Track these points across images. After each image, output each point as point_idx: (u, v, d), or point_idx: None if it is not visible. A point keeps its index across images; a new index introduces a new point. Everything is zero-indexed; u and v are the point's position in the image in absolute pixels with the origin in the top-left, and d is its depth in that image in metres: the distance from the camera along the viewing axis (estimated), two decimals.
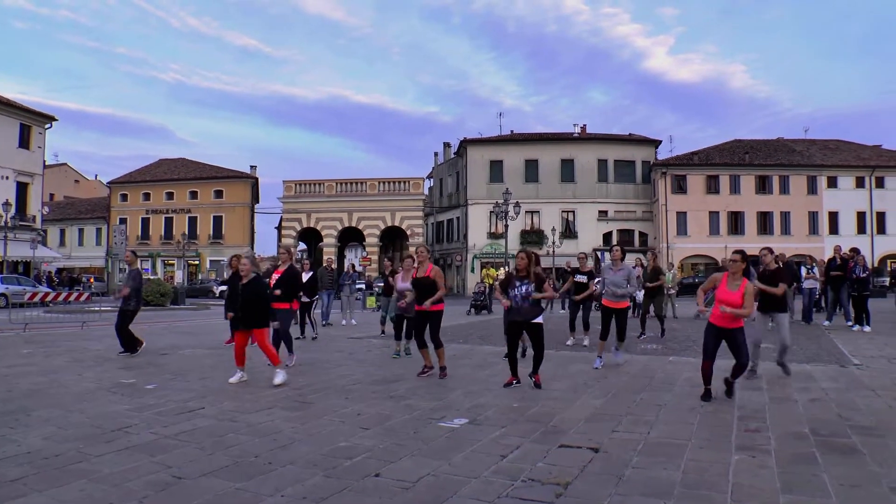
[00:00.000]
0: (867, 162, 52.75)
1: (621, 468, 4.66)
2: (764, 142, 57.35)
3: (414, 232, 50.08)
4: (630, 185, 53.66)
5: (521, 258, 7.82)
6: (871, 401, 7.17)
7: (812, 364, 9.82)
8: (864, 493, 4.21)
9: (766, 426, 5.97)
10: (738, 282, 7.06)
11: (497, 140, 55.60)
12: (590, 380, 8.41)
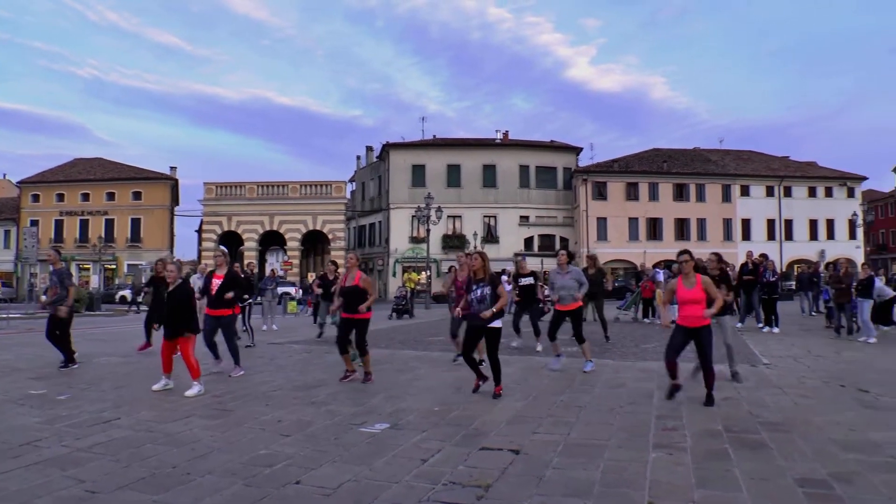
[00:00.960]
0: (777, 172, 55.74)
1: (542, 469, 4.73)
2: (682, 151, 59.63)
3: (336, 236, 49.61)
4: (551, 191, 54.72)
5: (476, 260, 7.72)
6: (779, 398, 7.56)
7: (725, 364, 10.18)
8: (772, 485, 4.42)
9: (683, 425, 6.17)
10: (692, 279, 7.21)
11: (420, 144, 55.76)
12: (511, 383, 8.48)
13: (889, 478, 4.56)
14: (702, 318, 7.08)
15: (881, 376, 9.18)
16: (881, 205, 69.73)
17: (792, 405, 7.17)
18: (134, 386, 8.39)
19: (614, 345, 12.96)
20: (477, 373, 7.80)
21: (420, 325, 20.23)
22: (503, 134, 58.81)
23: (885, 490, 4.30)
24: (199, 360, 8.08)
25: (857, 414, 6.71)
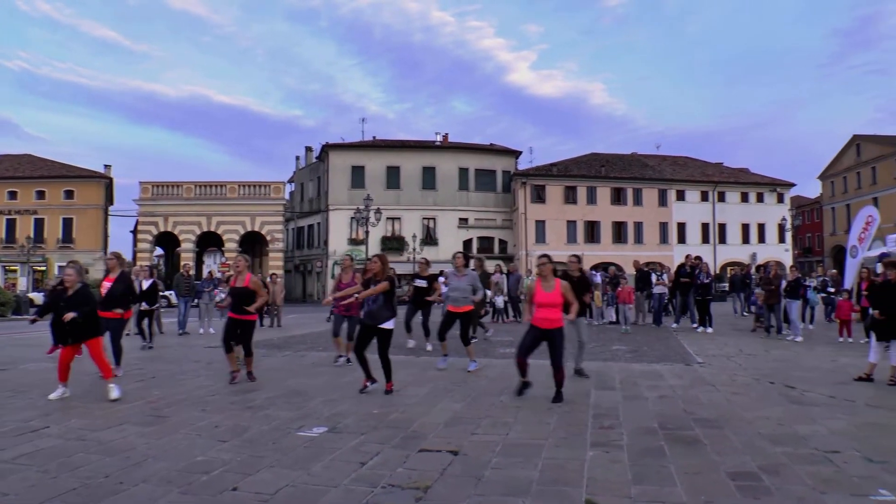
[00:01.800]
0: (711, 178, 57.61)
1: (480, 469, 4.77)
2: (620, 156, 61.05)
3: (274, 237, 48.85)
4: (491, 194, 55.15)
5: (373, 262, 8.03)
6: (712, 395, 7.81)
7: (661, 363, 10.52)
8: (705, 479, 4.57)
9: (620, 423, 6.32)
10: (551, 282, 7.47)
11: (359, 146, 55.46)
12: (450, 384, 8.52)
13: (813, 469, 4.79)
14: (556, 321, 7.36)
15: (807, 373, 9.61)
16: (807, 210, 72.75)
17: (724, 402, 7.42)
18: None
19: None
20: (366, 373, 7.95)
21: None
22: (443, 136, 58.86)
23: (810, 481, 4.51)
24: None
25: (784, 409, 7.01)
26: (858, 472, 4.74)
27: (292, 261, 57.07)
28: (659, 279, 18.65)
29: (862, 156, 60.91)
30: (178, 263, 41.66)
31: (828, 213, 67.08)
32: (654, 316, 18.41)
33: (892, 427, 6.23)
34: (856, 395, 7.80)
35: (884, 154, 57.64)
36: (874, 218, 17.16)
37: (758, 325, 16.49)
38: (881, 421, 6.50)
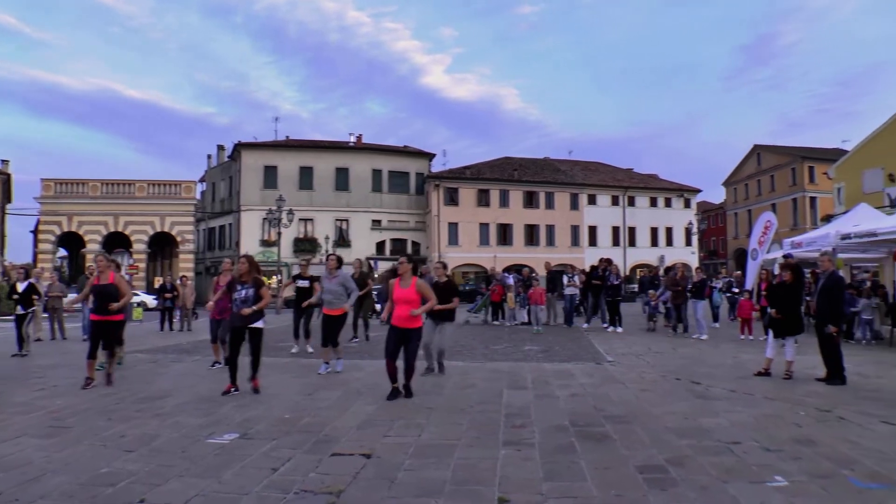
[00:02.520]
0: (621, 183, 59.60)
1: (393, 472, 4.75)
2: (532, 160, 62.22)
3: (184, 238, 47.16)
4: (404, 196, 55.15)
5: (242, 263, 8.07)
6: (621, 392, 8.07)
7: (572, 363, 10.77)
8: (615, 473, 4.71)
9: (531, 422, 6.42)
10: (408, 281, 7.74)
11: (272, 145, 54.34)
12: (362, 387, 8.46)
13: (716, 459, 5.03)
14: (413, 319, 7.59)
15: (711, 369, 10.08)
16: (712, 215, 76.23)
17: (633, 398, 7.67)
18: None
19: (465, 347, 13.25)
20: (233, 377, 7.96)
21: (268, 330, 19.62)
22: (357, 137, 58.49)
23: (713, 471, 4.73)
24: None
25: (690, 404, 7.32)
26: (757, 460, 5.01)
27: (203, 262, 55.22)
28: (570, 280, 19.11)
29: (762, 164, 64.37)
30: (83, 265, 39.48)
31: (731, 218, 70.53)
32: (566, 316, 18.84)
33: (787, 418, 6.60)
34: (755, 389, 8.25)
35: (781, 163, 61.14)
36: (772, 223, 18.09)
37: (653, 325, 17.11)
38: (777, 412, 6.88)
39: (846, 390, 8.27)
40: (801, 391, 8.19)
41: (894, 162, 26.55)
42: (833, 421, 6.50)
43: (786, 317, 9.26)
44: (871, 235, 13.70)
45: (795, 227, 52.36)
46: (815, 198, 56.15)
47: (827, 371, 8.88)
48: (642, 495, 4.23)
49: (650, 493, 4.25)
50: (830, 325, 8.84)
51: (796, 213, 57.79)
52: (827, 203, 46.80)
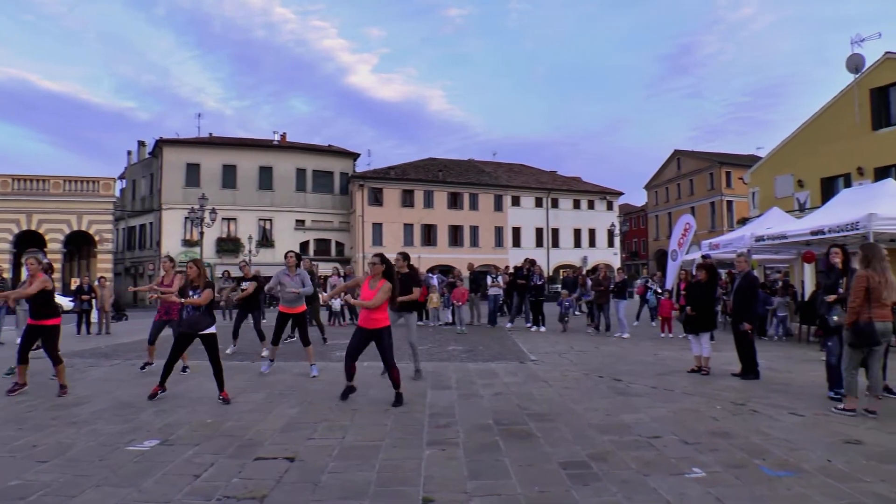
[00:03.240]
0: (545, 185, 60.71)
1: (317, 474, 4.70)
2: (457, 161, 62.72)
3: (103, 238, 45.20)
4: (328, 196, 54.68)
5: (190, 267, 7.91)
6: (544, 391, 8.22)
7: (496, 362, 10.89)
8: (538, 470, 4.80)
9: (456, 421, 6.46)
10: (377, 282, 7.67)
11: (195, 142, 52.84)
12: (286, 389, 8.34)
13: (637, 454, 5.20)
14: (381, 321, 7.51)
15: (632, 367, 10.38)
16: (634, 217, 78.66)
17: (556, 396, 7.82)
18: None
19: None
20: (163, 380, 7.81)
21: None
22: (281, 136, 57.66)
23: (634, 465, 4.89)
24: None
25: (611, 401, 7.52)
26: (676, 453, 5.21)
27: (123, 263, 53.18)
28: (494, 281, 19.33)
29: (682, 169, 66.79)
30: None
31: (652, 220, 72.89)
32: (490, 316, 19.03)
33: (705, 412, 6.89)
34: (674, 385, 8.57)
35: (700, 168, 63.59)
36: (691, 225, 18.80)
37: (564, 326, 17.47)
38: (695, 407, 7.16)
39: (759, 384, 8.70)
40: (718, 386, 8.56)
41: (803, 169, 28.04)
42: (747, 413, 6.82)
43: (699, 314, 9.72)
44: (782, 238, 14.47)
45: (713, 230, 54.59)
46: (732, 201, 58.83)
47: (742, 366, 9.32)
48: (565, 491, 4.32)
49: (573, 489, 4.35)
50: (745, 323, 9.27)
51: (714, 216, 60.27)
52: (742, 207, 49.07)
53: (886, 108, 24.72)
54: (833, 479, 4.55)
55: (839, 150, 26.04)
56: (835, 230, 12.40)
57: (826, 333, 7.83)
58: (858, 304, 6.60)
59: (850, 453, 5.24)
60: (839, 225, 12.33)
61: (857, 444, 5.52)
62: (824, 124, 27.14)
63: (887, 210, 11.85)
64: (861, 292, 6.60)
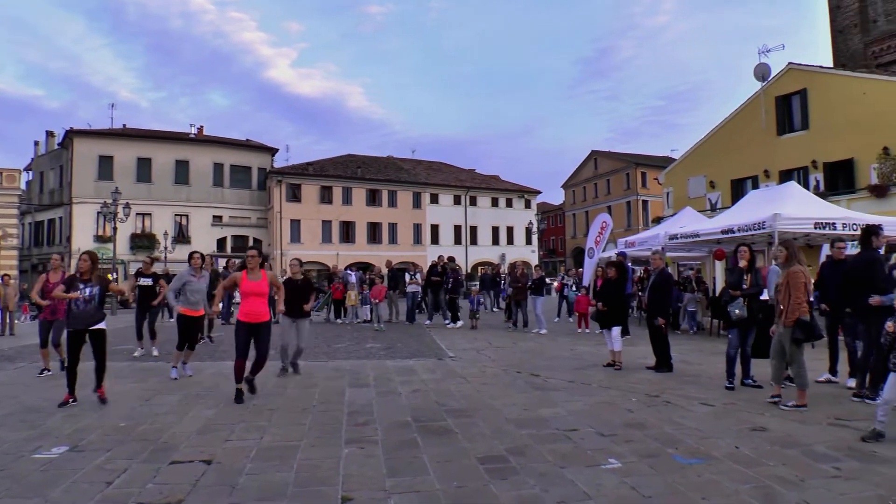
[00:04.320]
0: (464, 183, 61.21)
1: (235, 477, 4.63)
2: (375, 158, 62.55)
3: (7, 233, 42.65)
4: (246, 191, 53.60)
5: (83, 260, 7.56)
6: (462, 387, 8.30)
7: (414, 359, 10.93)
8: (456, 465, 4.86)
9: (374, 419, 6.46)
10: (258, 273, 7.75)
11: (108, 133, 50.68)
12: (202, 391, 8.12)
13: (554, 447, 5.33)
14: (262, 314, 7.63)
15: (550, 362, 10.61)
16: (552, 215, 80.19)
17: (474, 392, 7.92)
18: None
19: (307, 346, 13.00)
20: (71, 387, 7.41)
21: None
22: (198, 129, 56.13)
23: (551, 458, 5.02)
24: None
25: (529, 396, 7.67)
26: (592, 445, 5.37)
27: (29, 259, 50.35)
28: (412, 278, 19.38)
29: (599, 169, 68.64)
30: None
31: (569, 219, 74.58)
32: (408, 313, 19.07)
33: (620, 404, 7.12)
34: (591, 379, 8.81)
35: (616, 168, 65.53)
36: (608, 224, 19.30)
37: (475, 323, 17.68)
38: (611, 400, 7.40)
39: (672, 377, 9.05)
40: (633, 379, 8.86)
41: (715, 171, 29.38)
42: (660, 405, 7.09)
43: (610, 309, 10.06)
44: (694, 236, 15.10)
45: (629, 228, 56.37)
46: (647, 201, 60.94)
47: (656, 360, 9.69)
48: (483, 485, 4.39)
49: (491, 483, 4.42)
50: (659, 318, 9.62)
51: (630, 214, 62.19)
52: (657, 206, 50.92)
53: (789, 115, 26.24)
54: (740, 465, 4.80)
55: (748, 154, 27.45)
56: (743, 229, 13.05)
57: (728, 326, 8.24)
58: (804, 300, 6.94)
59: (756, 440, 5.55)
60: (747, 224, 12.98)
61: (763, 431, 5.85)
62: (734, 129, 28.55)
63: (791, 211, 12.57)
64: (803, 287, 6.94)
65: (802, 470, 4.70)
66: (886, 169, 21.42)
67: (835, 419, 6.34)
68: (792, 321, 6.87)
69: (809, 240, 14.20)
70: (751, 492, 4.24)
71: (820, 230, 12.53)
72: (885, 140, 21.93)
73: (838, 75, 24.95)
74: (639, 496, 4.17)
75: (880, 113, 22.30)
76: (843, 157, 23.73)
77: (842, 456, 5.06)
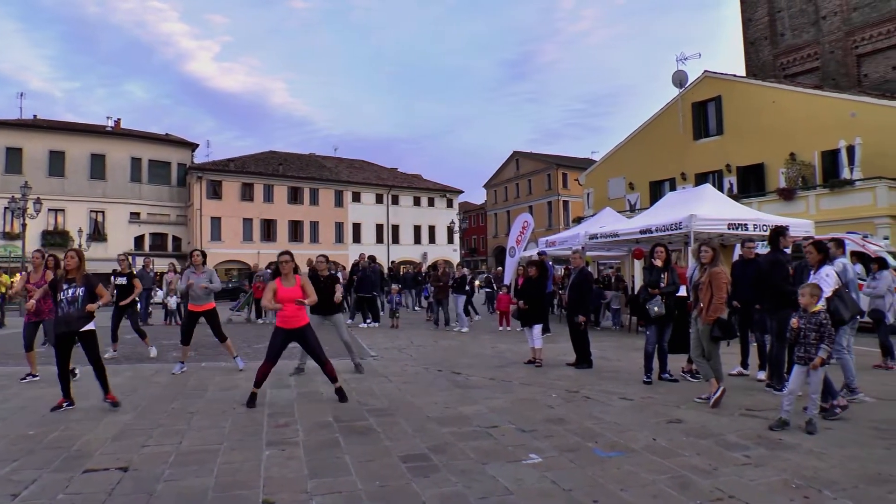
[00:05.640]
0: (386, 182, 61.23)
1: (152, 484, 4.48)
2: (298, 155, 61.92)
3: None
4: (165, 188, 52.14)
5: (70, 257, 7.16)
6: (384, 386, 8.33)
7: (336, 359, 10.68)
8: (378, 464, 4.86)
9: (295, 420, 6.39)
10: (292, 279, 7.47)
11: (17, 124, 48.14)
12: (118, 395, 7.73)
13: (476, 444, 5.40)
14: (301, 318, 7.41)
15: (471, 360, 10.75)
16: (473, 214, 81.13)
17: (396, 391, 7.95)
18: None
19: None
20: (66, 390, 7.11)
21: (13, 335, 17.19)
22: (116, 122, 54.28)
23: (473, 454, 5.08)
24: None
25: (450, 393, 7.75)
26: (513, 441, 5.46)
27: None
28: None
29: (520, 169, 69.81)
30: None
31: (491, 218, 75.49)
32: None
33: (541, 401, 7.27)
34: (512, 376, 8.96)
35: (537, 169, 66.79)
36: (529, 223, 19.67)
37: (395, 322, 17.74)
38: (532, 396, 7.54)
39: (592, 373, 9.31)
40: (554, 375, 9.06)
41: (634, 172, 30.34)
42: (580, 400, 7.28)
43: (531, 307, 10.27)
44: (614, 236, 15.53)
45: (550, 228, 57.53)
46: (568, 201, 62.33)
47: (576, 356, 9.94)
48: (405, 483, 4.40)
49: (413, 481, 4.44)
50: (579, 315, 9.84)
51: (551, 214, 63.45)
52: (578, 206, 52.09)
53: (705, 120, 27.39)
54: (657, 456, 4.99)
55: (666, 157, 28.47)
56: (661, 229, 13.50)
57: (646, 323, 8.54)
58: (726, 299, 7.21)
59: (673, 431, 5.78)
60: (665, 225, 13.43)
61: (679, 423, 6.11)
62: (653, 133, 29.56)
63: (706, 212, 13.08)
64: (725, 288, 7.20)
65: (715, 459, 4.92)
66: (793, 173, 22.69)
67: (746, 410, 6.68)
68: (712, 319, 7.15)
69: (723, 240, 14.81)
70: (667, 481, 4.40)
71: (733, 230, 13.11)
72: (792, 146, 23.24)
73: (750, 84, 26.25)
74: (559, 490, 4.26)
75: (788, 121, 23.60)
76: (754, 161, 25.00)
77: (751, 444, 5.34)
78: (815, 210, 20.80)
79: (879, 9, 28.22)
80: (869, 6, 28.62)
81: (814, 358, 5.71)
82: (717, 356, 7.23)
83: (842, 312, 6.58)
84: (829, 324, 5.81)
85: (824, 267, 6.90)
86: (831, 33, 30.09)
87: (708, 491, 4.22)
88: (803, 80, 29.48)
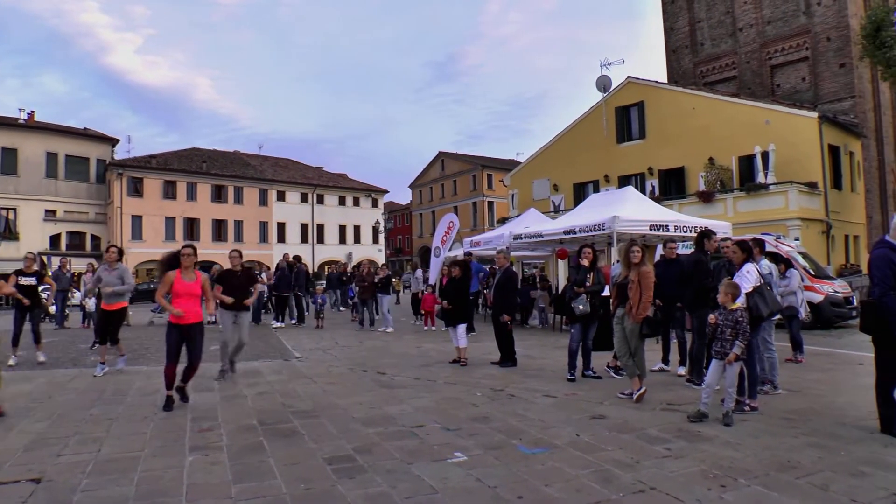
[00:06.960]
0: (311, 181, 60.48)
1: (69, 495, 4.30)
2: (222, 153, 60.46)
3: None
4: (83, 184, 49.93)
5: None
6: (309, 387, 8.24)
7: (260, 361, 10.68)
8: (303, 467, 4.81)
9: (219, 424, 6.26)
10: (193, 273, 7.37)
11: None
12: (30, 402, 7.44)
13: (401, 443, 5.42)
14: (195, 314, 7.25)
15: (396, 360, 10.75)
16: (398, 215, 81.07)
17: (321, 392, 7.88)
18: None
19: (148, 349, 12.38)
20: None
21: None
22: (29, 114, 51.34)
23: (398, 454, 5.09)
24: None
25: (376, 394, 7.74)
26: (438, 440, 5.50)
27: None
28: (258, 278, 18.89)
29: (446, 170, 70.06)
30: None
31: (416, 218, 75.49)
32: (253, 314, 18.54)
33: (466, 399, 7.33)
34: (437, 376, 9.02)
35: (462, 170, 67.18)
36: (455, 223, 19.76)
37: (320, 323, 17.64)
38: (457, 395, 7.60)
39: (516, 371, 9.44)
40: (479, 374, 9.15)
41: (558, 174, 30.90)
42: (505, 398, 7.37)
43: (455, 307, 10.36)
44: (538, 236, 15.77)
45: (475, 228, 57.87)
46: (493, 202, 62.87)
47: (501, 355, 10.05)
48: (331, 485, 4.37)
49: (339, 483, 4.41)
50: (504, 315, 9.96)
51: (476, 215, 63.84)
52: (503, 207, 52.66)
53: (628, 125, 28.17)
54: (581, 452, 5.11)
55: (589, 160, 29.11)
56: (585, 230, 13.78)
57: (571, 321, 8.72)
58: (652, 298, 7.36)
59: (596, 427, 5.93)
60: (588, 225, 13.71)
61: (602, 419, 6.26)
62: (577, 136, 30.19)
63: (628, 213, 13.42)
64: (653, 287, 7.37)
65: (637, 452, 5.07)
66: (711, 177, 23.63)
67: (666, 404, 6.91)
68: (641, 318, 7.33)
69: (645, 240, 15.20)
70: (590, 476, 4.51)
71: (655, 231, 13.47)
72: (711, 151, 24.19)
73: (671, 90, 27.18)
74: (484, 487, 4.31)
75: (707, 126, 24.54)
76: (675, 165, 25.89)
77: (672, 437, 5.53)
78: (733, 212, 21.80)
79: (790, 23, 29.71)
80: (781, 20, 30.10)
81: (729, 353, 5.96)
82: (641, 353, 7.43)
83: (761, 309, 6.85)
84: (746, 321, 6.06)
85: (746, 264, 7.17)
86: (747, 44, 31.49)
87: (630, 484, 4.35)
88: (722, 88, 30.79)
